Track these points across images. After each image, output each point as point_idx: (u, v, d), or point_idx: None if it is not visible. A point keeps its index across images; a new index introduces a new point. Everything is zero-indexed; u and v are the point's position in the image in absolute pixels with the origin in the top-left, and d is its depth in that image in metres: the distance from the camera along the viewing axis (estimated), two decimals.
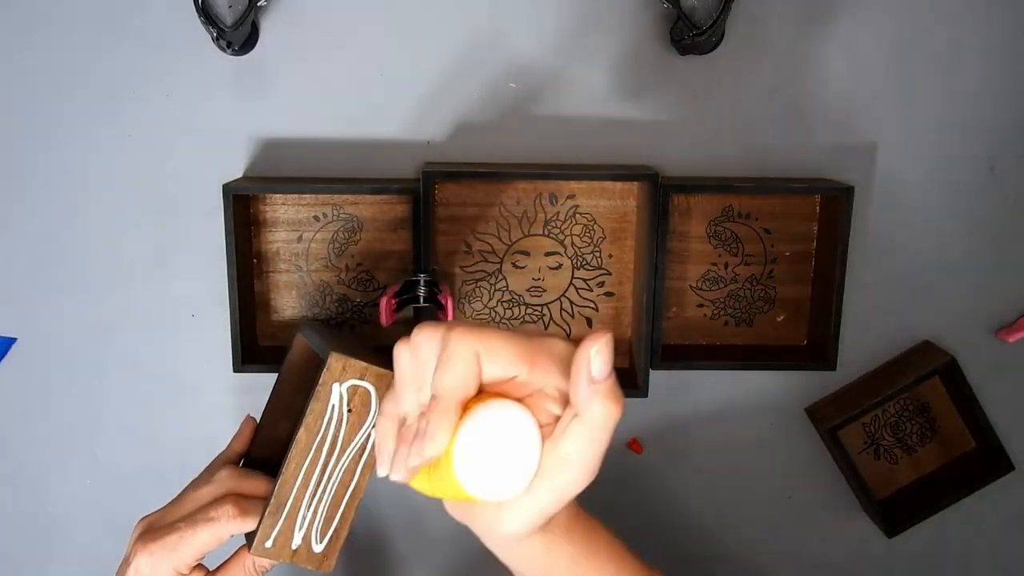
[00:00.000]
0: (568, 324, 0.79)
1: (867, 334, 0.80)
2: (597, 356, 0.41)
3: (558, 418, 0.43)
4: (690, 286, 0.78)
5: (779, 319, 0.79)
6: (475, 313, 0.78)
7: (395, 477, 0.44)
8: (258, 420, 0.71)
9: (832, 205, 0.75)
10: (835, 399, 0.80)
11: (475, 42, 0.73)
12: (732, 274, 0.78)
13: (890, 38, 0.75)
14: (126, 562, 0.63)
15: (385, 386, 0.62)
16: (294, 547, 0.62)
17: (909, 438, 0.82)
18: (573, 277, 0.78)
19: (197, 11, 0.69)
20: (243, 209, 0.73)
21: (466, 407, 0.42)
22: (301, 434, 0.61)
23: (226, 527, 0.62)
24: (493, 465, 0.42)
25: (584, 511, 0.53)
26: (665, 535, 0.83)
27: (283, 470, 0.61)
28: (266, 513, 0.61)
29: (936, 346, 0.79)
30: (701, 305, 0.79)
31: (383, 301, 0.68)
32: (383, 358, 0.58)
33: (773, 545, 0.84)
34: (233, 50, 0.71)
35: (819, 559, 0.84)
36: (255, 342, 0.77)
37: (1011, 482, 0.80)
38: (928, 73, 0.76)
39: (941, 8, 0.74)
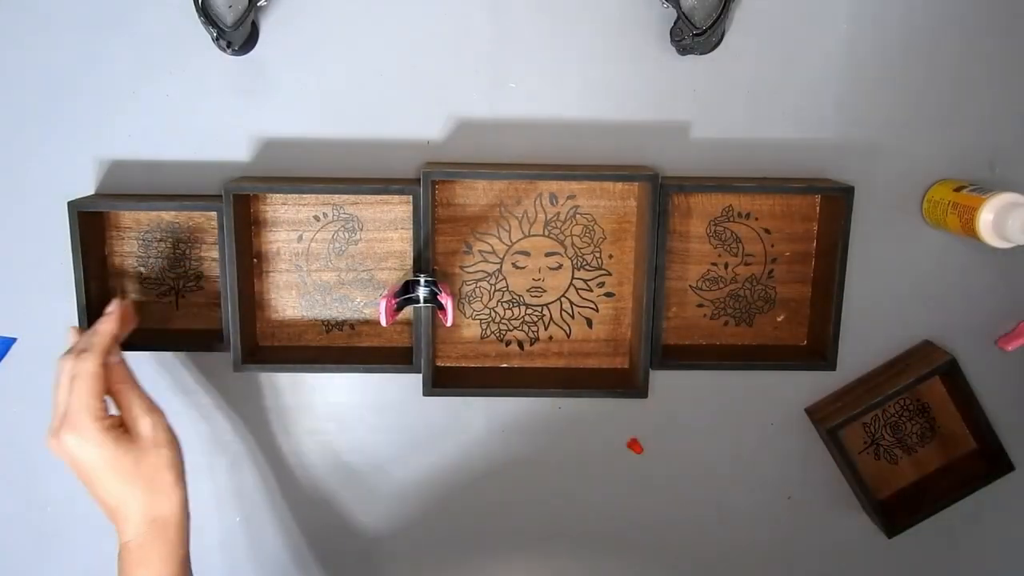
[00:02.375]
0: (568, 324, 0.79)
1: (867, 334, 0.80)
2: None
3: None
4: (690, 286, 0.78)
5: (779, 319, 0.79)
6: (475, 313, 0.78)
7: None
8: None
9: (832, 205, 0.75)
10: (835, 399, 0.80)
11: (475, 42, 0.73)
12: (732, 274, 0.78)
13: (890, 37, 0.75)
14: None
15: None
16: None
17: (909, 438, 0.82)
18: (573, 277, 0.78)
19: (197, 11, 0.69)
20: (243, 209, 0.73)
21: None
22: None
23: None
24: None
25: None
26: (665, 534, 0.83)
27: None
28: None
29: (936, 346, 0.79)
30: (701, 305, 0.79)
31: (383, 301, 0.68)
32: None
33: (773, 545, 0.84)
34: (233, 50, 0.71)
35: (819, 559, 0.84)
36: (255, 342, 0.77)
37: (1011, 482, 0.80)
38: (928, 72, 0.76)
39: (940, 8, 0.75)
